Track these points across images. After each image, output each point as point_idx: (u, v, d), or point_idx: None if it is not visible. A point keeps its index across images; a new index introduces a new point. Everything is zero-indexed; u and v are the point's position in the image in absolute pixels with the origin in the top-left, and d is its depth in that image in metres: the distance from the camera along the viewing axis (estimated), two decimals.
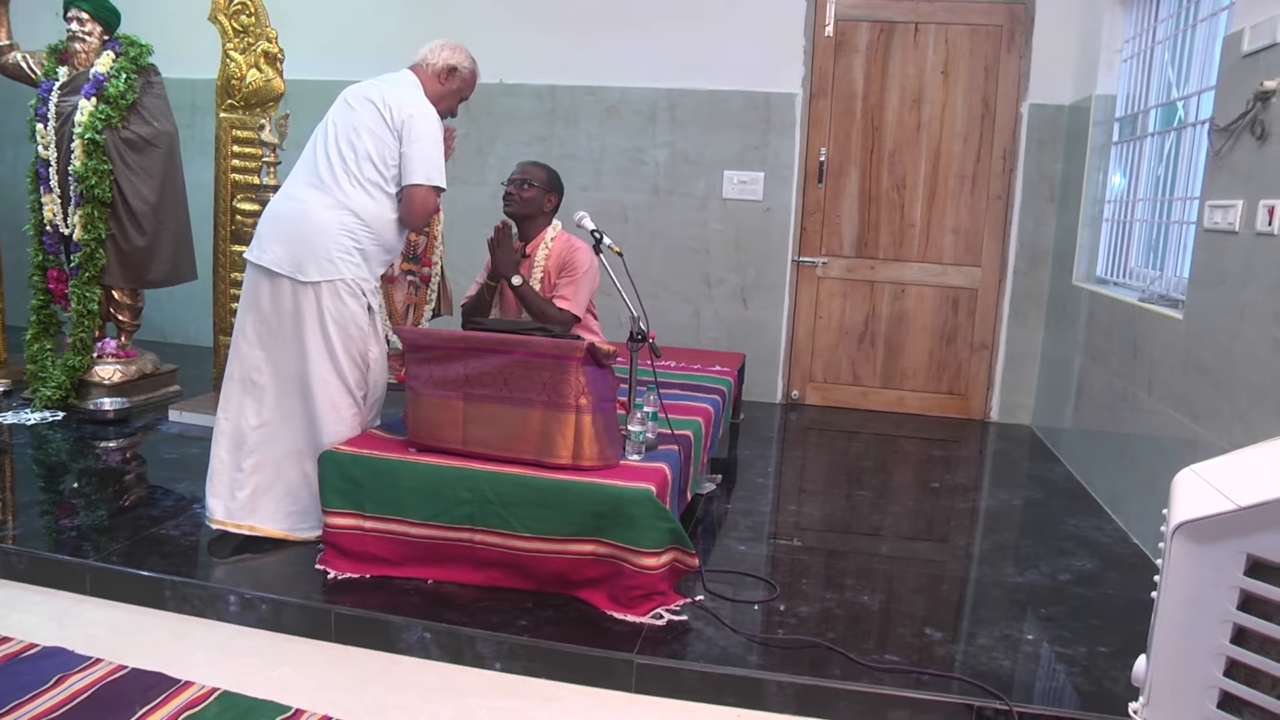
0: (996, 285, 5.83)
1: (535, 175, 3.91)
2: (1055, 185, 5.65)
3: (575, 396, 3.05)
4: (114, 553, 3.32)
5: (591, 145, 6.15)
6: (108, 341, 5.20)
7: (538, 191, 3.89)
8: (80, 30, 4.95)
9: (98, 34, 5.00)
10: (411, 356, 3.27)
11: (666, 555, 2.98)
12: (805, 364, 6.13)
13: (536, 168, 3.95)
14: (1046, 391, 5.62)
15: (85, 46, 4.97)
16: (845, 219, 5.94)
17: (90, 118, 4.81)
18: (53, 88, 4.96)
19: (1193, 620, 1.69)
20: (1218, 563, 1.64)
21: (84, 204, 4.87)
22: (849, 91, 5.84)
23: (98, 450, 4.55)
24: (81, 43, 4.97)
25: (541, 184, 3.90)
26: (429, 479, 3.11)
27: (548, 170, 3.97)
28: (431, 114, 3.41)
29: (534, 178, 3.90)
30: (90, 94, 4.86)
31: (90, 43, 4.98)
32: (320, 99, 6.39)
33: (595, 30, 6.04)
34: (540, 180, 3.90)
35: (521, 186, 3.87)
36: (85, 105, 4.84)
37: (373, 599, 3.04)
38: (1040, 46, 5.58)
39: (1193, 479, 1.75)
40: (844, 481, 4.62)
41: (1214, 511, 1.64)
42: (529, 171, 3.92)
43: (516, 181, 3.89)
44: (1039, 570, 3.55)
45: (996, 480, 4.84)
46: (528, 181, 3.88)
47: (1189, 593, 1.70)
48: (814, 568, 3.53)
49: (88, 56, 4.98)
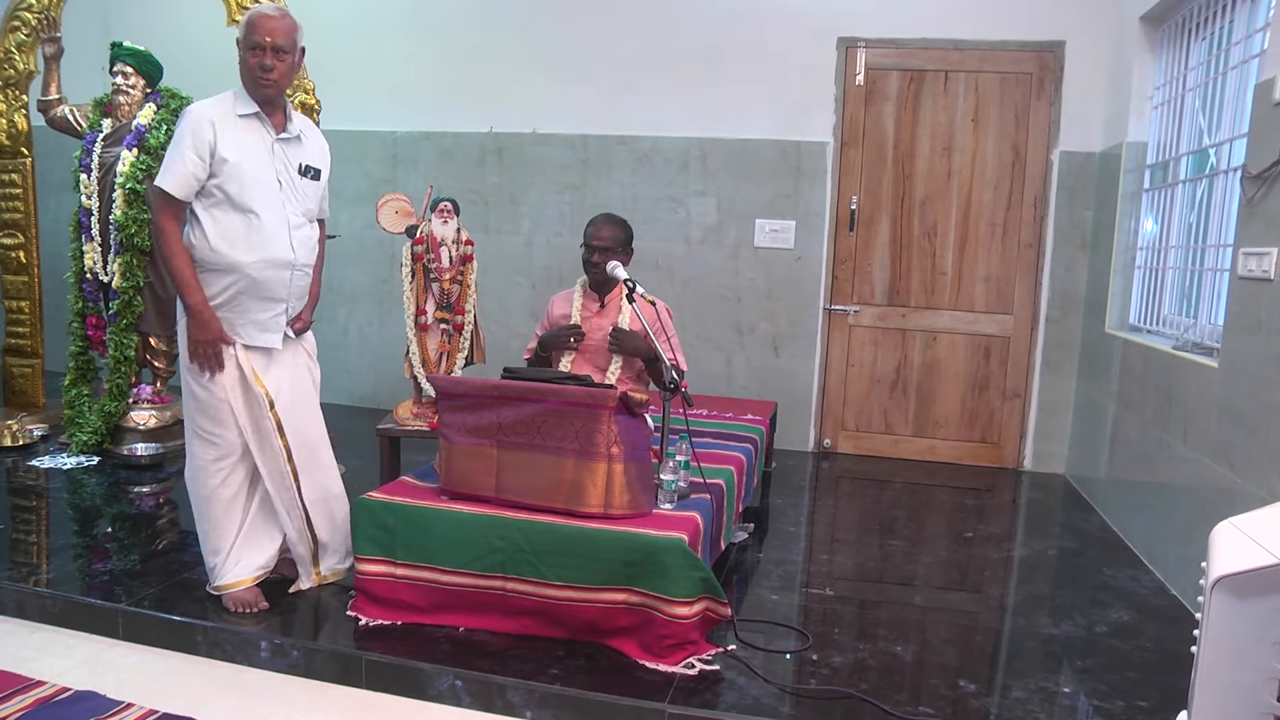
0: (1028, 333, 5.81)
1: (614, 238, 3.94)
2: (1087, 232, 5.65)
3: (607, 445, 3.07)
4: (146, 597, 3.35)
5: (624, 194, 6.21)
6: (143, 387, 5.26)
7: (617, 253, 3.94)
8: (124, 84, 5.08)
9: (141, 87, 5.13)
10: (445, 404, 3.31)
11: (698, 604, 2.97)
12: (837, 412, 6.12)
13: (611, 227, 3.97)
14: (1080, 440, 5.58)
15: (129, 99, 5.10)
16: (877, 267, 5.96)
17: (131, 168, 4.92)
18: (97, 139, 5.09)
19: (1235, 675, 1.67)
20: (1260, 617, 1.63)
21: (123, 252, 4.97)
22: (880, 140, 5.88)
23: (131, 495, 4.61)
24: (125, 95, 5.10)
25: (619, 244, 3.96)
26: (461, 527, 3.13)
27: (621, 226, 4.01)
28: (186, 115, 3.20)
29: (612, 242, 3.93)
30: (132, 145, 4.97)
31: (133, 95, 5.11)
32: (356, 150, 6.58)
33: (627, 80, 6.12)
34: (618, 242, 3.95)
35: (605, 254, 3.91)
36: (127, 156, 4.95)
37: (404, 646, 3.05)
38: (1070, 94, 5.60)
39: (1232, 532, 1.74)
40: (876, 530, 4.60)
41: (1255, 566, 1.63)
42: (605, 236, 3.94)
43: (600, 250, 3.92)
44: (1075, 622, 3.51)
45: (1030, 530, 4.80)
46: (609, 249, 3.92)
47: (1231, 647, 1.68)
48: (847, 617, 3.51)
49: (131, 109, 5.10)
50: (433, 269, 4.36)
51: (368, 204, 6.04)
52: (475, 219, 6.28)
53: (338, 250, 6.28)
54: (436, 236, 4.37)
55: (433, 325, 4.42)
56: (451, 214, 4.41)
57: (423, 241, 4.36)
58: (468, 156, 6.45)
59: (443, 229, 4.38)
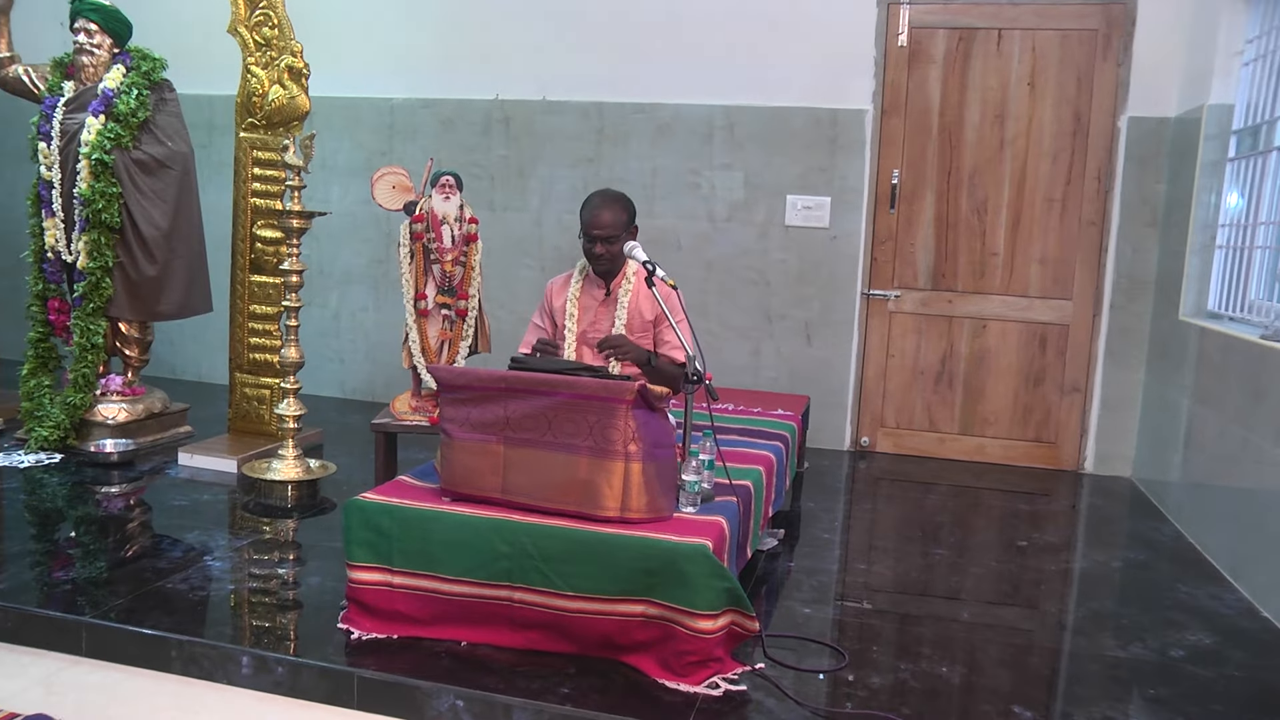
0: (1090, 321, 5.78)
1: (615, 223, 3.84)
2: (1158, 208, 5.60)
3: (624, 442, 3.06)
4: (113, 609, 3.35)
5: (642, 168, 6.21)
6: (113, 378, 5.29)
7: (622, 237, 3.87)
8: (88, 42, 5.07)
9: (107, 46, 5.12)
10: (446, 397, 3.31)
11: (723, 618, 2.97)
12: (876, 408, 6.11)
13: (611, 210, 3.87)
14: (1149, 440, 5.55)
15: (93, 60, 5.09)
16: (920, 248, 5.94)
17: (98, 137, 4.92)
18: (57, 104, 5.08)
19: None
20: None
21: (90, 229, 4.97)
22: (924, 107, 5.86)
23: (98, 496, 4.62)
24: (89, 56, 5.09)
25: (623, 228, 3.86)
26: (464, 531, 3.13)
27: (622, 205, 3.91)
28: None
29: (615, 227, 3.84)
30: (98, 111, 4.97)
31: (99, 56, 5.10)
32: (349, 119, 6.59)
33: (646, 42, 6.11)
34: (621, 225, 3.86)
35: (609, 243, 3.84)
36: (93, 123, 4.95)
37: (400, 662, 3.05)
38: (1142, 51, 5.53)
39: None
40: (919, 538, 4.58)
41: None
42: (606, 222, 3.83)
43: (602, 240, 3.84)
44: (1145, 644, 3.48)
45: (1092, 539, 4.78)
46: (612, 237, 3.84)
47: None
48: (886, 634, 3.50)
49: (96, 71, 5.10)
50: (433, 249, 4.37)
51: (362, 178, 6.07)
52: (479, 195, 6.28)
53: (328, 229, 6.31)
54: (437, 214, 4.37)
55: (433, 311, 4.43)
56: (454, 189, 4.42)
57: (422, 219, 4.36)
58: (471, 126, 6.45)
59: (444, 206, 4.38)
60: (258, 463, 4.92)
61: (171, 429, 5.50)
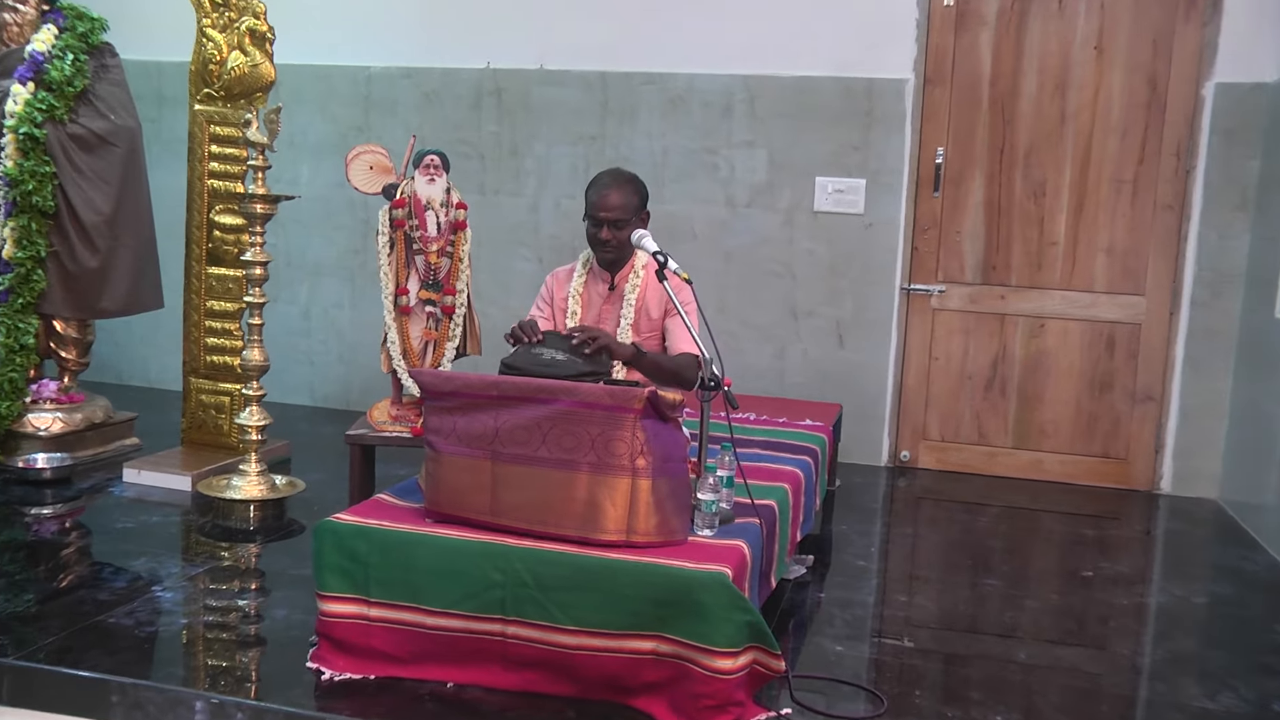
0: (1166, 320, 5.78)
1: (626, 205, 3.90)
2: (1250, 189, 5.56)
3: (631, 457, 3.07)
4: (43, 648, 3.31)
5: (652, 146, 6.22)
6: (46, 383, 5.29)
7: (632, 223, 3.90)
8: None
9: (34, 3, 5.11)
10: (431, 406, 3.32)
11: (745, 656, 2.97)
12: (917, 418, 6.11)
13: (620, 192, 3.92)
14: (1238, 456, 5.53)
15: (18, 18, 5.09)
16: (968, 236, 5.95)
17: (26, 108, 4.91)
18: None
19: None
20: None
21: (18, 214, 4.97)
22: (973, 76, 5.86)
23: (27, 518, 4.62)
24: (12, 13, 5.08)
25: (634, 211, 3.91)
26: (451, 557, 3.13)
27: (633, 186, 3.96)
28: None
29: (625, 210, 3.89)
30: (26, 78, 4.95)
31: (24, 13, 5.09)
32: (320, 90, 6.61)
33: (657, 4, 6.12)
34: (632, 209, 3.91)
35: (617, 228, 3.88)
36: (20, 92, 4.93)
37: (377, 706, 3.05)
38: (1234, 7, 5.48)
39: None
40: (968, 566, 4.59)
41: None
42: (615, 204, 3.89)
43: (610, 224, 3.88)
44: (1238, 694, 3.44)
45: (1171, 569, 4.78)
46: (621, 221, 3.88)
47: None
48: (930, 676, 3.50)
49: (21, 31, 5.09)
50: (416, 238, 4.38)
51: (335, 157, 6.05)
52: (468, 177, 6.28)
53: (297, 214, 6.32)
54: (420, 198, 4.39)
55: (416, 308, 4.44)
56: (439, 170, 4.43)
57: (404, 204, 4.38)
58: (459, 99, 6.47)
59: (428, 189, 4.40)
60: (215, 480, 4.92)
61: (115, 441, 5.51)
